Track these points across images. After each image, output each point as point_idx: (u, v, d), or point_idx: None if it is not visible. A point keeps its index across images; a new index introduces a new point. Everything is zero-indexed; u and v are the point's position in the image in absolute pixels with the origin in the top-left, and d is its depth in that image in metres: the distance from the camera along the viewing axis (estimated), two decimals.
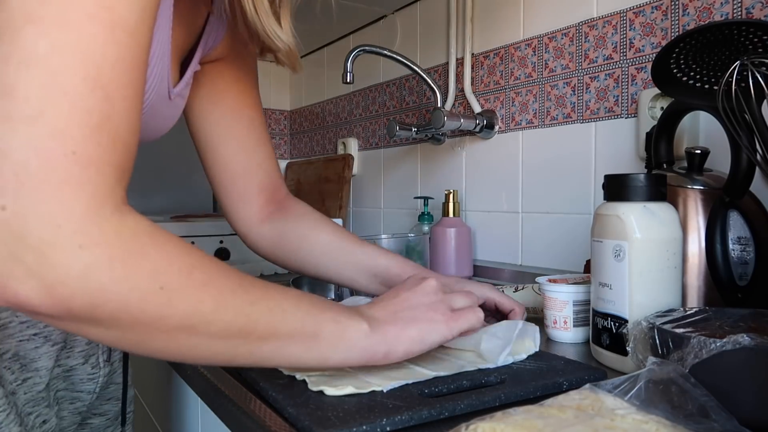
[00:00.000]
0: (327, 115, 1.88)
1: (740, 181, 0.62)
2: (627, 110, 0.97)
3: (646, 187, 0.58)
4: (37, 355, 0.58)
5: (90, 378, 0.66)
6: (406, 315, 0.52)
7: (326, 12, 0.67)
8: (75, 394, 0.66)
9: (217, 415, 0.55)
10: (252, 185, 0.76)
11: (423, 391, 0.49)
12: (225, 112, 0.74)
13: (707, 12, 0.85)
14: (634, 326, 0.53)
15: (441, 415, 0.45)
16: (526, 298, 0.86)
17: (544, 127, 1.12)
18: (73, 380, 0.65)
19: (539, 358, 0.58)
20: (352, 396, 0.47)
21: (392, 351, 0.49)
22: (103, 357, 0.68)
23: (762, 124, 0.56)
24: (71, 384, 0.65)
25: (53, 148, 0.34)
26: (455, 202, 1.22)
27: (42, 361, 0.59)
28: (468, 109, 1.28)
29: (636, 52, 0.95)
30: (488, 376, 0.53)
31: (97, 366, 0.67)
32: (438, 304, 0.54)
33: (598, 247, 0.61)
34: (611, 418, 0.39)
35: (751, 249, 0.63)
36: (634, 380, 0.43)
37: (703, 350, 0.43)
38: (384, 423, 0.43)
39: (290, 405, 0.46)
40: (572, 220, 1.07)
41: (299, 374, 0.52)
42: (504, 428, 0.37)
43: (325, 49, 1.88)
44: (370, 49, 1.24)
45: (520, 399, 0.49)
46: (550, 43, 1.10)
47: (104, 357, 0.68)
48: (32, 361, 0.58)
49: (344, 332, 0.48)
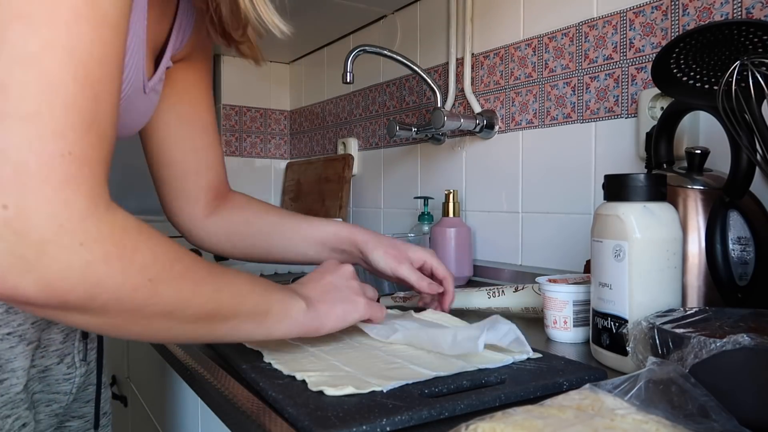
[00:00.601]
0: (327, 115, 1.88)
1: (740, 181, 0.62)
2: (627, 110, 0.97)
3: (646, 187, 0.58)
4: (13, 355, 0.56)
5: (66, 378, 0.65)
6: (333, 296, 0.60)
7: None
8: (51, 396, 0.63)
9: (217, 414, 0.55)
10: (200, 185, 0.77)
11: (423, 391, 0.49)
12: (182, 113, 0.74)
13: (707, 12, 0.85)
14: (634, 326, 0.53)
15: (441, 415, 0.45)
16: (526, 298, 0.86)
17: (544, 127, 1.12)
18: (48, 381, 0.63)
19: (540, 359, 0.58)
20: (352, 396, 0.47)
21: (323, 326, 0.57)
22: (78, 356, 0.66)
23: (762, 124, 0.56)
24: (47, 385, 0.63)
25: (51, 149, 0.35)
26: (455, 202, 1.22)
27: (18, 361, 0.56)
28: (468, 109, 1.28)
29: (636, 52, 0.95)
30: (488, 376, 0.53)
31: (72, 366, 0.65)
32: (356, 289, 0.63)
33: (598, 247, 0.61)
34: (611, 418, 0.39)
35: (751, 249, 0.63)
36: (634, 380, 0.43)
37: (703, 350, 0.43)
38: (384, 423, 0.43)
39: (290, 405, 0.46)
40: (572, 220, 1.07)
41: (299, 374, 0.52)
42: (504, 428, 0.37)
43: (325, 49, 1.88)
44: (370, 49, 1.24)
45: (520, 399, 0.49)
46: (550, 43, 1.10)
47: (80, 356, 0.66)
48: (8, 361, 0.56)
49: (288, 310, 0.55)
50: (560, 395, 0.44)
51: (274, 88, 2.09)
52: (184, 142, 0.75)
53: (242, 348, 0.62)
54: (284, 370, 0.54)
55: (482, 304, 0.88)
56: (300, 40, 1.85)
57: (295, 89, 2.09)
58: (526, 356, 0.58)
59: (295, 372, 0.53)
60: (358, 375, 0.52)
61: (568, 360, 0.58)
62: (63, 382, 0.64)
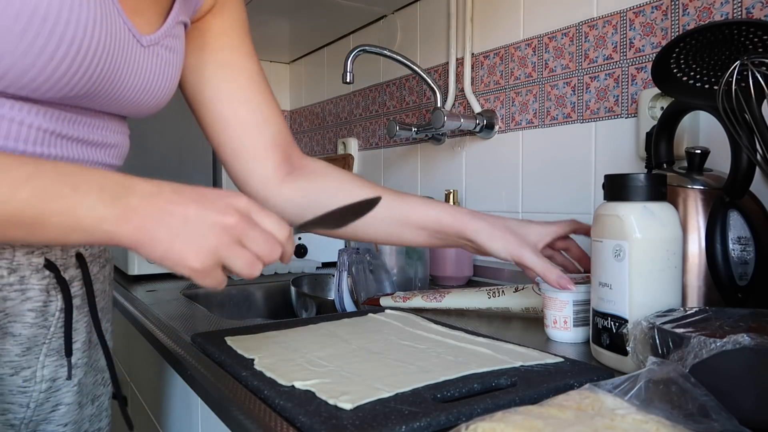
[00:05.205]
0: (327, 115, 1.88)
1: (740, 181, 0.62)
2: (627, 110, 0.97)
3: (646, 187, 0.58)
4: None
5: (21, 391, 0.60)
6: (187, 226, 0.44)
7: None
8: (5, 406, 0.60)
9: (217, 414, 0.55)
10: (262, 141, 0.71)
11: (435, 395, 0.48)
12: (221, 65, 0.69)
13: (707, 12, 0.85)
14: (634, 326, 0.53)
15: (459, 420, 0.44)
16: (526, 298, 0.86)
17: (544, 127, 1.12)
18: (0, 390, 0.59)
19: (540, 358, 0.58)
20: (364, 404, 0.46)
21: (142, 251, 0.44)
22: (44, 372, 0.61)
23: (762, 124, 0.56)
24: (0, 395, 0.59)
25: None
26: (455, 201, 1.22)
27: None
28: (468, 109, 1.28)
29: (636, 52, 0.95)
30: (498, 378, 0.52)
31: (31, 380, 0.60)
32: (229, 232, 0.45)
33: (598, 247, 0.61)
34: (611, 418, 0.39)
35: (751, 249, 0.63)
36: (634, 380, 0.43)
37: (703, 350, 0.43)
38: (404, 430, 0.42)
39: (302, 414, 0.45)
40: None
41: (298, 382, 0.51)
42: (504, 428, 0.37)
43: (325, 49, 1.88)
44: (370, 49, 1.24)
45: (534, 402, 0.48)
46: (550, 43, 1.10)
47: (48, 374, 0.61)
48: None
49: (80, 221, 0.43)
50: (560, 395, 0.44)
51: (274, 88, 2.07)
52: (231, 96, 0.70)
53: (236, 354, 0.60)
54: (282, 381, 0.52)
55: (482, 304, 0.88)
56: (300, 40, 1.85)
57: (295, 89, 2.09)
58: None
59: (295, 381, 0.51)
60: (365, 381, 0.51)
61: (573, 361, 0.58)
62: (18, 395, 0.60)
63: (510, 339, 0.66)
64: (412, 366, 0.56)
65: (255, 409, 0.49)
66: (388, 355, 0.60)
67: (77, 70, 0.51)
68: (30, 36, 0.47)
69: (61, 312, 0.61)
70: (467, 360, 0.57)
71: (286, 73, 2.11)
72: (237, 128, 0.70)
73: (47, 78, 0.49)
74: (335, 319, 0.78)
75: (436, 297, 0.90)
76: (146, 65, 0.59)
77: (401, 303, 0.91)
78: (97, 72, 0.53)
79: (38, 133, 0.53)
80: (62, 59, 0.49)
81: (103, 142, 0.61)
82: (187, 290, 1.12)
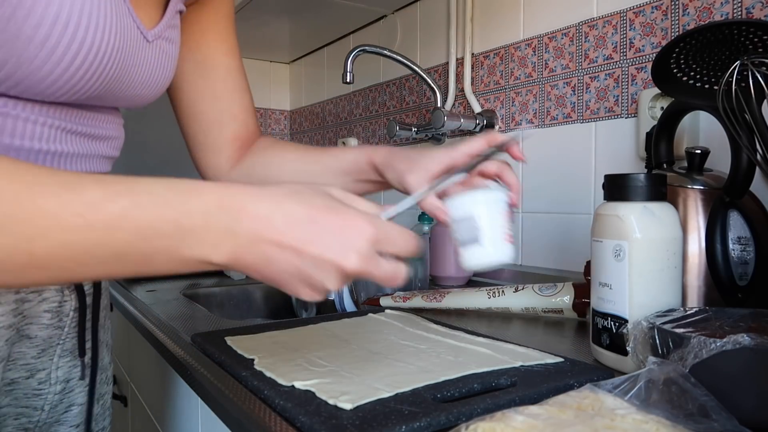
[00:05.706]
0: (327, 115, 1.88)
1: (740, 181, 0.62)
2: (627, 110, 0.97)
3: (646, 187, 0.58)
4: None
5: (36, 394, 0.61)
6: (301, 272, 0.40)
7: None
8: (20, 410, 0.60)
9: (217, 414, 0.55)
10: (222, 136, 0.73)
11: (435, 395, 0.48)
12: (200, 60, 0.70)
13: (707, 12, 0.85)
14: (634, 326, 0.53)
15: (459, 420, 0.44)
16: (526, 298, 0.86)
17: (544, 127, 1.12)
18: (16, 395, 0.59)
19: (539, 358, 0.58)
20: (364, 404, 0.46)
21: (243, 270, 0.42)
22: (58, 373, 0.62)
23: (762, 124, 0.56)
24: (15, 399, 0.60)
25: None
26: None
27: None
28: (468, 109, 1.28)
29: (636, 52, 0.95)
30: (498, 378, 0.52)
31: (46, 382, 0.61)
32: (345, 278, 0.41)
33: (598, 247, 0.61)
34: (611, 418, 0.39)
35: (751, 249, 0.63)
36: (634, 380, 0.43)
37: (703, 350, 0.43)
38: (404, 430, 0.42)
39: (302, 414, 0.44)
40: (572, 220, 1.07)
41: (298, 382, 0.51)
42: (504, 428, 0.37)
43: (325, 49, 1.88)
44: (370, 49, 1.24)
45: (534, 401, 0.48)
46: (550, 43, 1.10)
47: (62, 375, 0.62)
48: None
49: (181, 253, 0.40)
50: (560, 395, 0.44)
51: (274, 88, 2.09)
52: (204, 91, 0.71)
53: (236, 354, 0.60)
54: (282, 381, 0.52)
55: (482, 304, 0.88)
56: (300, 40, 1.85)
57: (295, 89, 2.09)
58: None
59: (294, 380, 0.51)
60: (364, 381, 0.51)
61: (573, 361, 0.58)
62: (33, 398, 0.61)
63: (510, 339, 0.66)
64: (412, 366, 0.55)
65: (255, 409, 0.49)
66: (388, 355, 0.60)
67: (92, 74, 0.51)
68: (51, 45, 0.46)
69: (75, 312, 0.62)
70: (467, 360, 0.57)
71: (286, 73, 2.11)
72: (203, 123, 0.72)
73: (63, 84, 0.49)
74: (335, 319, 0.78)
75: (436, 297, 0.90)
76: (150, 60, 0.59)
77: (401, 303, 0.91)
78: (110, 74, 0.53)
79: (44, 129, 0.53)
80: (80, 66, 0.49)
81: (104, 135, 0.61)
82: (187, 290, 1.12)
